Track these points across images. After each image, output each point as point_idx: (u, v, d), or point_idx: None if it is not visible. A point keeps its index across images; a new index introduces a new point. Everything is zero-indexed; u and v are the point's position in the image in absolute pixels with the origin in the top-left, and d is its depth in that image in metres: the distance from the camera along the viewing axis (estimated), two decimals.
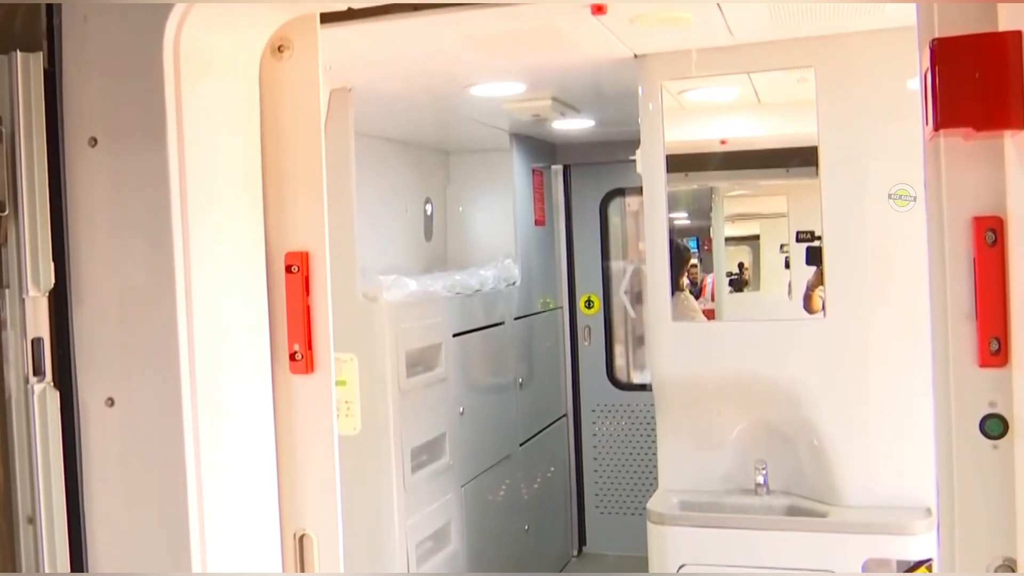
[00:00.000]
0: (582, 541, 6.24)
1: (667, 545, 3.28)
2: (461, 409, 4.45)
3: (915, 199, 3.10)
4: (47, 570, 1.99)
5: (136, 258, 2.03)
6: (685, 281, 3.72)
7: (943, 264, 1.84)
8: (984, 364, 1.82)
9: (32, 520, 2.03)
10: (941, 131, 1.71)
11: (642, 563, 3.46)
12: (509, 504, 5.09)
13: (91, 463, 2.06)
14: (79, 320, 2.06)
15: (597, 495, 6.21)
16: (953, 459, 1.85)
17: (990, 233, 1.80)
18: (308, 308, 2.21)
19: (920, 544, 3.06)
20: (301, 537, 2.22)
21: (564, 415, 6.11)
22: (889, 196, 3.13)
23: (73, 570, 2.04)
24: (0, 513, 2.06)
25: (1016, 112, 1.67)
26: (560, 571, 5.92)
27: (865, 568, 3.10)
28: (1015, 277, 1.77)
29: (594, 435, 6.20)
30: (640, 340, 6.28)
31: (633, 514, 6.04)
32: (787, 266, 3.59)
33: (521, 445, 5.29)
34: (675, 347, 3.47)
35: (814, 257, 3.37)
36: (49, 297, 2.06)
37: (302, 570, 2.21)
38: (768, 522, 3.26)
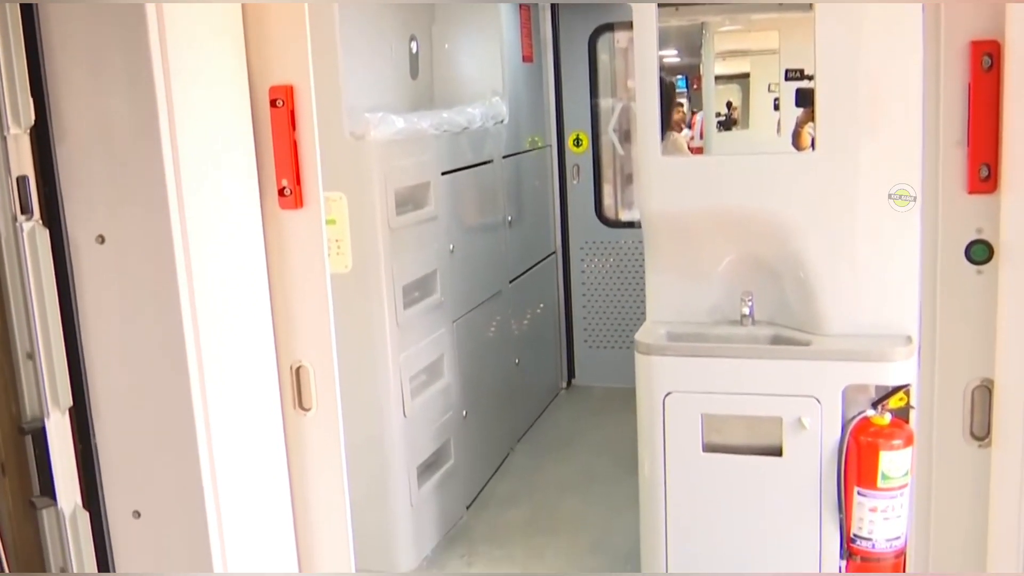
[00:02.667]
0: (571, 374, 6.41)
1: (654, 374, 3.37)
2: (451, 247, 4.47)
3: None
4: (49, 403, 2.04)
5: (116, 91, 1.98)
6: (674, 120, 3.68)
7: (937, 89, 1.82)
8: (973, 190, 1.83)
9: (31, 355, 2.06)
10: None
11: (630, 394, 3.55)
12: (500, 339, 5.19)
13: (86, 299, 2.08)
14: (63, 156, 2.04)
15: (586, 330, 6.34)
16: (937, 284, 1.89)
17: (987, 58, 1.77)
18: (295, 143, 2.18)
19: (899, 370, 3.15)
20: (298, 369, 2.27)
21: (553, 253, 6.17)
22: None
23: (75, 404, 2.09)
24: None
25: None
26: (550, 402, 6.11)
27: (844, 395, 3.19)
28: (1009, 103, 1.76)
29: (583, 272, 6.27)
30: (629, 178, 6.27)
31: (620, 348, 6.19)
32: (776, 108, 3.54)
33: (511, 282, 5.35)
34: (664, 182, 3.46)
35: (804, 99, 3.32)
36: (31, 134, 2.03)
37: (300, 400, 2.28)
38: (752, 351, 3.34)
